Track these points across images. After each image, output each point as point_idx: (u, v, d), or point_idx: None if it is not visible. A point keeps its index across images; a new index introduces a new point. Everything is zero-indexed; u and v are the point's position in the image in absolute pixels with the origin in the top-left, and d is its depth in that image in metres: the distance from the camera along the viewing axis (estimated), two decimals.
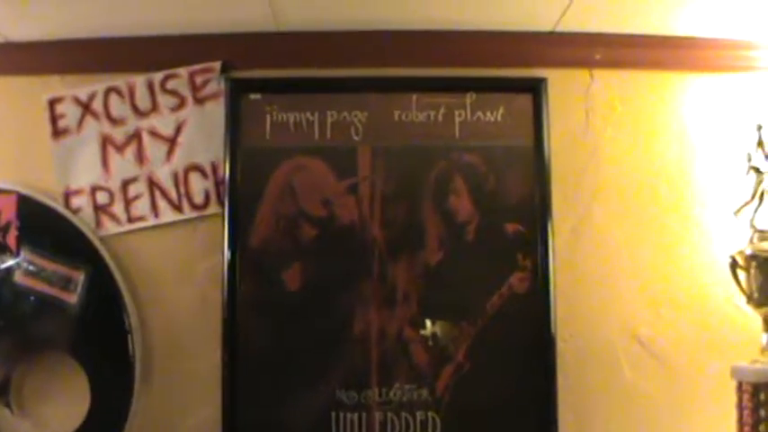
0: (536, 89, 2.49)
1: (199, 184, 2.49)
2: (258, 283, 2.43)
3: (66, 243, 2.43)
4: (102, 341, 2.41)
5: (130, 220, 2.48)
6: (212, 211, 2.48)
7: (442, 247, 2.44)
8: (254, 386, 2.39)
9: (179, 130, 2.49)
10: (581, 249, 2.47)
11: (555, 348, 2.40)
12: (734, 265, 2.33)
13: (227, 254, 2.41)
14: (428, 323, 2.40)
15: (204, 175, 2.49)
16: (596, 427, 2.43)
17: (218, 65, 2.50)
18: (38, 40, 2.49)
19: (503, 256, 2.44)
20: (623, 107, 2.53)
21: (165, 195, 2.48)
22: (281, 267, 2.43)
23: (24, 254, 2.41)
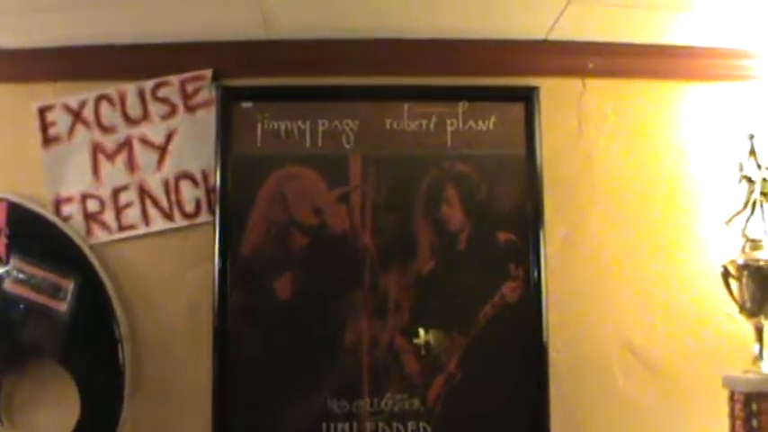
0: (528, 98, 2.48)
1: (190, 193, 2.47)
2: (249, 292, 2.41)
3: (56, 251, 2.42)
4: (92, 349, 2.39)
5: (121, 228, 2.47)
6: (203, 220, 2.47)
7: (434, 256, 2.43)
8: (244, 395, 2.37)
9: (170, 138, 2.48)
10: (573, 258, 2.47)
11: (547, 358, 2.39)
12: (726, 275, 2.33)
13: (217, 262, 2.40)
14: (421, 332, 2.39)
15: (195, 183, 2.48)
16: None
17: (209, 73, 2.49)
18: (28, 48, 2.49)
19: (495, 266, 2.43)
20: (616, 116, 2.52)
21: (156, 203, 2.47)
22: (272, 276, 2.42)
23: (14, 261, 2.39)
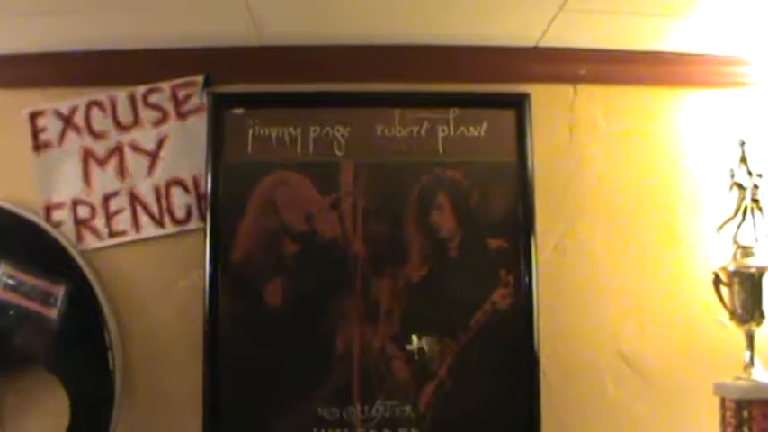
0: (519, 104, 2.48)
1: (180, 199, 2.47)
2: (240, 299, 2.41)
3: (47, 257, 2.41)
4: (83, 356, 2.39)
5: (111, 234, 2.47)
6: (194, 226, 2.47)
7: (425, 262, 2.43)
8: (235, 402, 2.37)
9: (161, 144, 2.48)
10: (564, 265, 2.47)
11: (538, 365, 2.38)
12: (717, 282, 2.33)
13: (208, 269, 2.40)
14: (414, 338, 2.38)
15: (186, 189, 2.48)
16: None
17: (200, 79, 2.49)
18: (19, 53, 2.48)
19: (486, 272, 2.42)
20: (607, 123, 2.52)
21: (147, 210, 2.47)
22: (262, 283, 2.42)
23: (4, 268, 2.38)
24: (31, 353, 2.38)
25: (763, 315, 2.27)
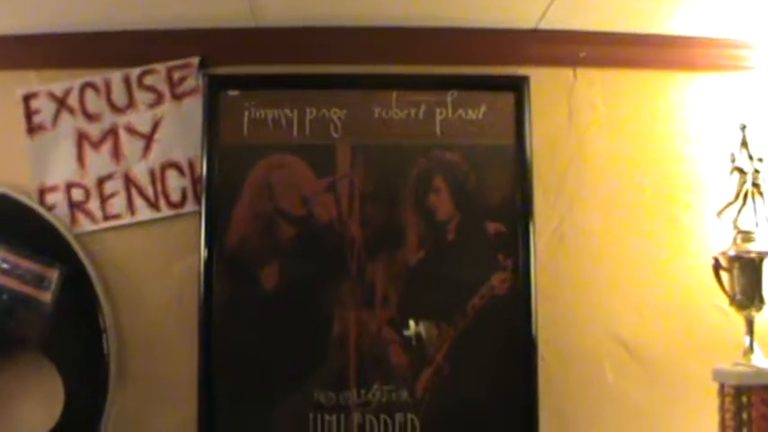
0: (518, 87, 2.46)
1: (176, 182, 2.45)
2: (235, 283, 2.40)
3: (41, 240, 2.39)
4: (77, 340, 2.37)
5: (106, 217, 2.45)
6: (189, 210, 2.45)
7: (422, 246, 2.41)
8: (230, 386, 2.36)
9: (156, 126, 2.46)
10: (563, 250, 2.45)
11: (536, 351, 2.37)
12: (717, 267, 2.31)
13: (203, 252, 2.38)
14: (411, 324, 2.37)
15: (181, 172, 2.46)
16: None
17: (196, 61, 2.47)
18: (12, 34, 2.45)
19: (484, 257, 2.41)
20: (607, 106, 2.50)
21: (142, 193, 2.45)
22: (258, 267, 2.40)
23: None
24: (24, 337, 2.36)
25: (763, 301, 2.25)
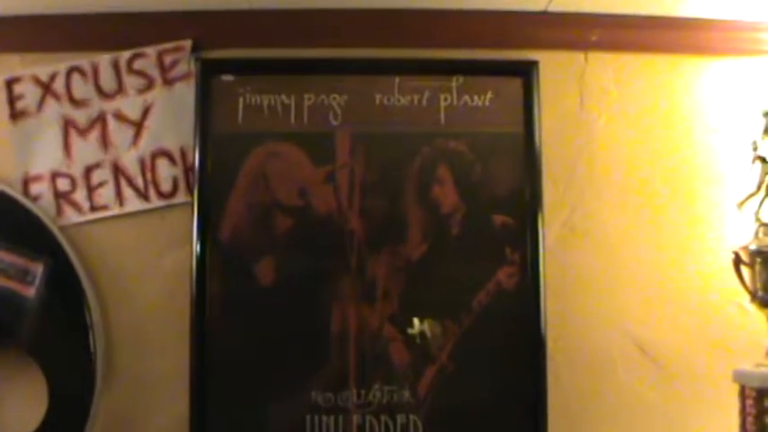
0: (527, 73, 2.39)
1: (166, 171, 2.39)
2: (229, 278, 2.33)
3: (25, 232, 2.33)
4: (62, 337, 2.31)
5: (93, 208, 2.38)
6: (181, 200, 2.38)
7: (426, 240, 2.35)
8: (223, 386, 2.29)
9: (146, 113, 2.40)
10: (573, 243, 2.38)
11: (545, 349, 2.31)
12: (737, 262, 2.23)
13: (196, 246, 2.32)
14: (416, 321, 2.31)
15: (172, 161, 2.39)
16: None
17: (188, 44, 2.40)
18: None
19: (490, 250, 2.34)
20: (620, 92, 2.43)
21: (131, 183, 2.39)
22: (253, 261, 2.34)
23: None
24: (6, 333, 2.29)
25: None
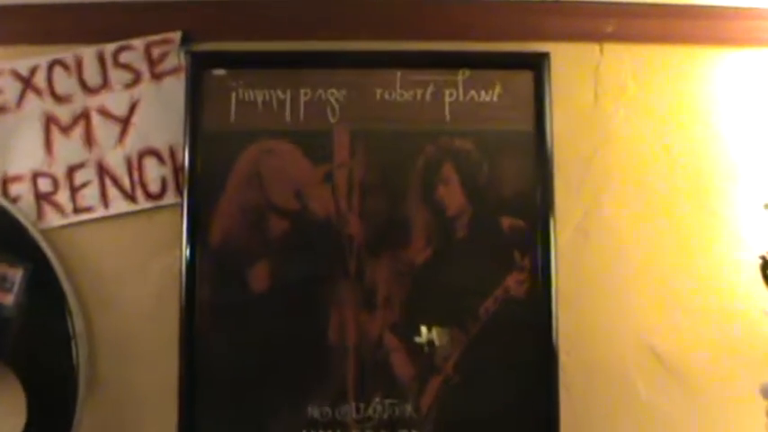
0: (537, 66, 2.30)
1: (155, 171, 2.31)
2: (220, 284, 2.25)
3: (3, 236, 2.25)
4: (42, 347, 2.23)
5: (77, 210, 2.30)
6: (169, 202, 2.30)
7: (430, 244, 2.26)
8: (214, 399, 2.21)
9: (133, 109, 2.32)
10: (588, 248, 2.30)
11: (557, 361, 2.21)
12: (764, 267, 2.14)
13: (185, 250, 2.23)
14: (423, 329, 2.23)
15: (161, 160, 2.31)
16: None
17: (177, 36, 2.32)
18: None
19: (498, 255, 2.25)
20: (638, 86, 2.34)
21: (117, 183, 2.30)
22: (246, 266, 2.26)
23: None
24: None
25: None
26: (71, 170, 2.30)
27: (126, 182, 2.30)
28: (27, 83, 2.30)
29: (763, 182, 2.27)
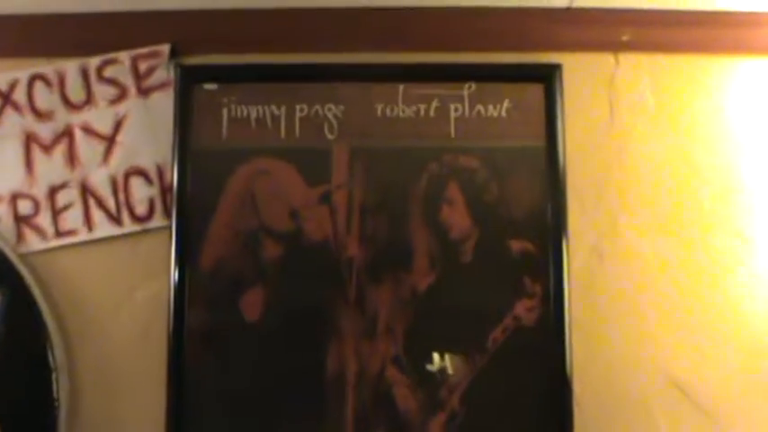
0: (549, 78, 2.24)
1: (142, 192, 2.25)
2: (211, 312, 2.19)
3: None
4: (21, 381, 2.16)
5: (58, 234, 2.24)
6: (157, 224, 2.24)
7: (433, 268, 2.19)
8: None
9: (118, 126, 2.27)
10: (603, 273, 2.21)
11: (571, 395, 2.12)
12: None
13: (174, 276, 2.18)
14: (435, 356, 2.16)
15: (148, 180, 2.26)
16: None
17: (166, 48, 2.27)
18: None
19: (507, 281, 2.18)
20: (656, 99, 2.26)
21: (101, 205, 2.25)
22: (238, 293, 2.19)
23: None
24: None
25: None
26: (53, 191, 2.25)
27: (111, 203, 2.25)
28: (6, 98, 2.26)
29: None
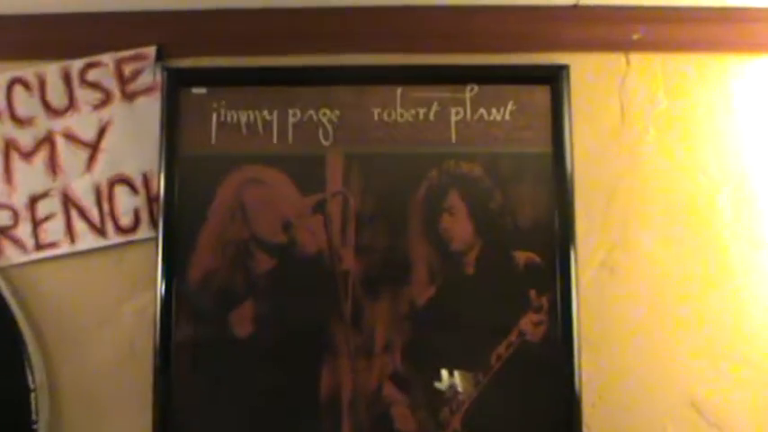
0: (556, 79, 2.18)
1: (127, 202, 2.20)
2: (199, 327, 2.13)
3: None
4: None
5: (39, 246, 2.19)
6: (143, 236, 2.19)
7: (434, 282, 2.13)
8: None
9: (102, 132, 2.22)
10: (614, 286, 2.14)
11: (581, 415, 2.05)
12: None
13: (160, 290, 2.12)
14: (444, 374, 2.09)
15: (133, 189, 2.21)
16: None
17: (152, 51, 2.22)
18: None
19: (512, 294, 2.12)
20: (670, 101, 2.19)
21: (84, 215, 2.19)
22: (228, 308, 2.14)
23: None
24: None
25: None
26: (33, 201, 2.20)
27: (94, 214, 2.20)
28: None
29: None
